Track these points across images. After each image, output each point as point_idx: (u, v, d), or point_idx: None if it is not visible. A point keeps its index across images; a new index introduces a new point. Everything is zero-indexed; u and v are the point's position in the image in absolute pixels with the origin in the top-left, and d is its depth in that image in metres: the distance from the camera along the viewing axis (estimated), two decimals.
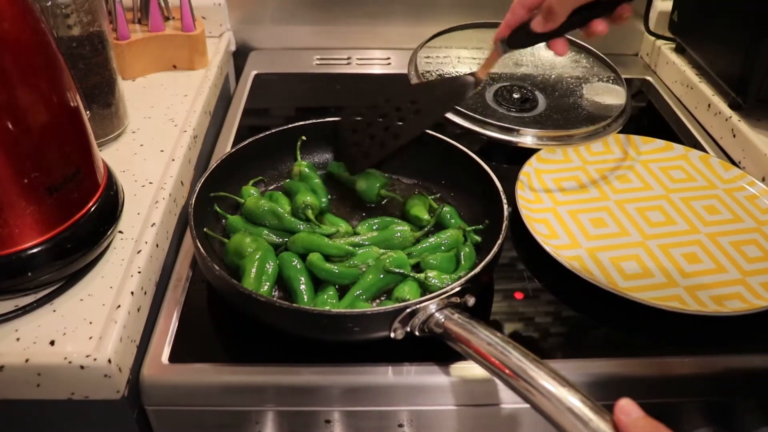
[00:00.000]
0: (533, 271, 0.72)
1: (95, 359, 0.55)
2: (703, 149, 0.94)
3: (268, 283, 0.64)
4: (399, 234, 0.70)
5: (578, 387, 0.46)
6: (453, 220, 0.73)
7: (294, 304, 0.57)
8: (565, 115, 0.92)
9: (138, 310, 0.63)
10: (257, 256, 0.65)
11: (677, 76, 1.10)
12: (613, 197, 0.82)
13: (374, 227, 0.73)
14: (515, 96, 0.95)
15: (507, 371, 0.50)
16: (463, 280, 0.59)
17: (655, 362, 0.62)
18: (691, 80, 1.05)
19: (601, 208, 0.80)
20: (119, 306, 0.60)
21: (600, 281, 0.67)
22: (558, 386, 0.46)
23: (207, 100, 0.96)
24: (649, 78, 1.16)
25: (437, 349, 0.58)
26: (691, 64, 1.09)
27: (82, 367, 0.55)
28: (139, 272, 0.64)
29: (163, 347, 0.62)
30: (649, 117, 1.05)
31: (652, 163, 0.88)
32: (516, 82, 0.98)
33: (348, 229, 0.72)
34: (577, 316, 0.67)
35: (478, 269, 0.60)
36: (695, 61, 1.07)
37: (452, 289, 0.58)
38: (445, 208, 0.74)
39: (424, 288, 0.65)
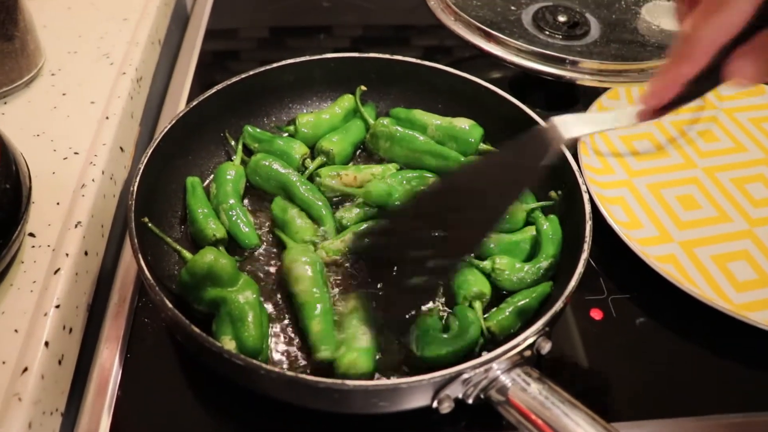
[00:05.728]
0: (611, 273, 0.53)
1: None
2: None
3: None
4: None
5: None
6: None
7: (289, 374, 0.37)
8: (626, 45, 0.71)
9: (59, 362, 0.43)
10: (253, 296, 0.45)
11: None
12: (701, 163, 0.62)
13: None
14: (560, 19, 0.73)
15: None
16: (539, 324, 0.40)
17: None
18: None
19: (688, 180, 0.60)
20: (26, 369, 0.40)
21: (708, 296, 0.49)
22: None
23: (155, 25, 0.72)
24: None
25: (489, 411, 0.40)
26: None
27: None
28: (58, 306, 0.43)
29: (99, 418, 0.42)
30: None
31: (739, 112, 0.68)
32: (561, 2, 0.75)
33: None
34: (678, 345, 0.49)
35: (559, 304, 0.41)
36: None
37: (525, 339, 0.39)
38: None
39: (491, 281, 0.49)
